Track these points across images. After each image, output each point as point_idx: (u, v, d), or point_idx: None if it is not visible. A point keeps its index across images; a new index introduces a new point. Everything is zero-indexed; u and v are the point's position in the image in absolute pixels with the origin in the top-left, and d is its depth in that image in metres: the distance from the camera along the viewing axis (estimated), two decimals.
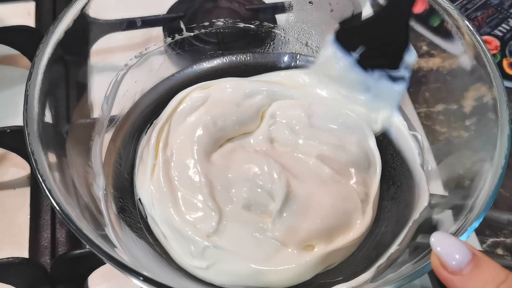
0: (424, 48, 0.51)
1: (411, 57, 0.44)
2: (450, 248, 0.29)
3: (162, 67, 0.53)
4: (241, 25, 0.56)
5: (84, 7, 0.43)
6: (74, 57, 0.45)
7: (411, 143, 0.48)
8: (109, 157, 0.46)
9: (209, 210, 0.43)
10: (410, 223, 0.42)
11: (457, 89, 0.46)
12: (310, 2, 0.53)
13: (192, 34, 0.54)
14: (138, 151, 0.48)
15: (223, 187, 0.44)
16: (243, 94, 0.50)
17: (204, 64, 0.55)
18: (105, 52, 0.51)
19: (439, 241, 0.29)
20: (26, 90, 0.37)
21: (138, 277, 0.32)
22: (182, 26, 0.54)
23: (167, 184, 0.44)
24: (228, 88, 0.50)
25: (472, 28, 0.44)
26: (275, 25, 0.56)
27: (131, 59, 0.50)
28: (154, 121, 0.49)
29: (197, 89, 0.50)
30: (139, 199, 0.45)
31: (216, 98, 0.50)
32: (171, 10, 0.59)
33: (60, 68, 0.42)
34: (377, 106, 0.47)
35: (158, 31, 0.55)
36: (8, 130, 0.48)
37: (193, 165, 0.45)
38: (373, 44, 0.45)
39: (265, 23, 0.56)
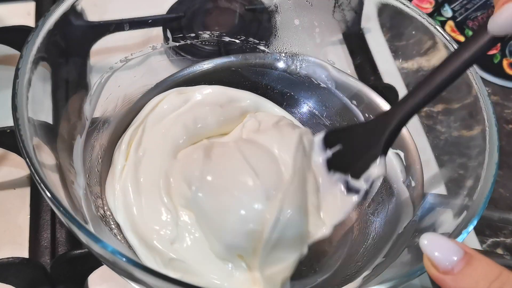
0: (425, 47, 0.51)
1: (377, 171, 0.40)
2: (439, 248, 0.28)
3: (160, 68, 0.53)
4: (227, 39, 0.55)
5: (71, 7, 0.43)
6: (65, 56, 0.45)
7: (393, 160, 0.48)
8: (95, 159, 0.46)
9: (167, 211, 0.42)
10: (394, 237, 0.43)
11: (456, 89, 0.47)
12: (295, 20, 0.53)
13: (177, 44, 0.54)
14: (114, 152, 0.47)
15: (176, 185, 0.43)
16: (227, 98, 0.50)
17: (200, 65, 0.54)
18: (103, 52, 0.51)
19: (428, 242, 0.29)
20: (14, 87, 0.37)
21: (139, 267, 0.31)
22: (169, 35, 0.54)
23: (134, 185, 0.43)
24: (210, 92, 0.51)
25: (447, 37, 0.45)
26: (260, 42, 0.55)
27: (116, 63, 0.49)
28: (129, 126, 0.49)
29: (174, 92, 0.50)
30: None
31: (198, 100, 0.50)
32: (171, 10, 0.59)
33: (49, 64, 0.42)
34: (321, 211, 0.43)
35: (158, 31, 0.54)
36: (8, 130, 0.48)
37: (159, 162, 0.44)
38: (348, 146, 0.42)
39: (250, 39, 0.55)
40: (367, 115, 0.52)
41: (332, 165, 0.43)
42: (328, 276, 0.43)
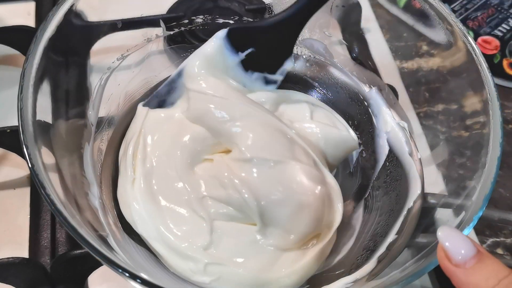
0: (424, 48, 0.51)
1: (289, 64, 0.47)
2: (456, 242, 0.30)
3: (158, 63, 0.53)
4: (221, 21, 0.55)
5: (71, 6, 0.43)
6: (68, 57, 0.45)
7: (398, 132, 0.49)
8: (104, 166, 0.46)
9: (200, 221, 0.42)
10: (404, 212, 0.43)
11: (457, 89, 0.47)
12: None
13: (172, 32, 0.54)
14: (118, 161, 0.46)
15: (208, 195, 0.43)
16: None
17: None
18: (103, 52, 0.51)
19: (445, 235, 0.30)
20: (20, 92, 0.37)
21: (136, 279, 0.31)
22: (162, 25, 0.53)
23: (150, 199, 0.42)
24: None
25: (465, 33, 0.44)
26: (254, 20, 0.56)
27: (113, 62, 0.49)
28: (128, 129, 0.48)
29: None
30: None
31: None
32: (171, 10, 0.59)
33: (54, 67, 0.41)
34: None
35: (158, 31, 0.54)
36: (8, 130, 0.48)
37: (174, 172, 0.43)
38: (261, 48, 0.46)
39: (244, 18, 0.56)
40: (370, 110, 0.52)
41: (248, 65, 0.47)
42: (343, 256, 0.44)
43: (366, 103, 0.52)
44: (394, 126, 0.49)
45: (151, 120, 0.47)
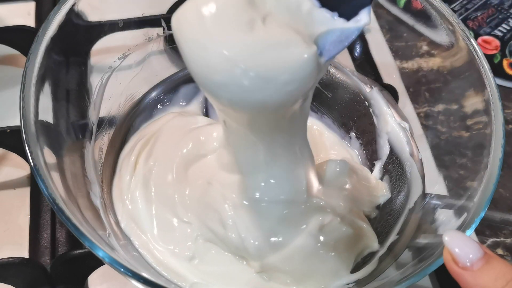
0: (425, 48, 0.51)
1: (366, 19, 0.32)
2: (462, 245, 0.30)
3: (159, 64, 0.53)
4: None
5: (73, 6, 0.42)
6: (69, 57, 0.45)
7: (399, 132, 0.49)
8: (105, 165, 0.46)
9: (185, 227, 0.42)
10: (405, 212, 0.43)
11: (457, 89, 0.47)
12: None
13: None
14: (119, 161, 0.47)
15: (194, 205, 0.42)
16: None
17: None
18: (103, 52, 0.51)
19: (452, 239, 0.30)
20: (21, 91, 0.36)
21: (139, 279, 0.31)
22: (164, 24, 0.53)
23: (143, 199, 0.43)
24: None
25: (467, 34, 0.44)
26: None
27: (114, 61, 0.49)
28: (140, 130, 0.48)
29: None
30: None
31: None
32: (171, 10, 0.59)
33: (55, 67, 0.41)
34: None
35: (158, 31, 0.54)
36: (8, 130, 0.48)
37: (171, 177, 0.43)
38: None
39: None
40: (371, 110, 0.52)
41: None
42: None
43: (367, 103, 0.52)
44: (395, 126, 0.49)
45: (170, 125, 0.47)
